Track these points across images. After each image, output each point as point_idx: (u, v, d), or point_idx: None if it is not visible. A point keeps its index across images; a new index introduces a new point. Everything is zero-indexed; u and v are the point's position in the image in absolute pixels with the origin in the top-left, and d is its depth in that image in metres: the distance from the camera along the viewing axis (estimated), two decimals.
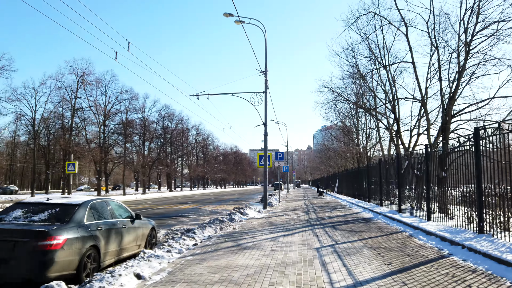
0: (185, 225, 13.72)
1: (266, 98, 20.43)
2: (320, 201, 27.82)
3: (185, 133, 71.43)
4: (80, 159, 38.15)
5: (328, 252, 7.53)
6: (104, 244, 6.37)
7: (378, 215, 14.88)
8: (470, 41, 16.40)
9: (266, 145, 20.45)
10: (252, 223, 13.13)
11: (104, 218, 6.76)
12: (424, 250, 7.55)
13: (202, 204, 26.50)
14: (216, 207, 23.76)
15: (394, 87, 22.77)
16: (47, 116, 44.73)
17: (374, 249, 7.76)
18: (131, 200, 34.00)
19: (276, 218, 14.76)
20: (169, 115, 60.12)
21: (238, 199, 35.15)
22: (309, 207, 21.12)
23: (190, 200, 33.69)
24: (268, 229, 11.38)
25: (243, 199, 34.26)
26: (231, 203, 28.15)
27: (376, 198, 20.76)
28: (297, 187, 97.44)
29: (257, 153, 21.55)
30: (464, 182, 9.71)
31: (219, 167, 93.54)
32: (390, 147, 28.65)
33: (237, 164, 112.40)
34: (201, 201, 30.59)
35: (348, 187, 32.14)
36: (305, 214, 16.46)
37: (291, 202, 27.02)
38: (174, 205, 25.38)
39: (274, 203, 24.43)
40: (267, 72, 20.70)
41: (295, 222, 13.39)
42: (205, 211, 20.76)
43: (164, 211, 20.49)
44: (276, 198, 28.44)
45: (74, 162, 28.32)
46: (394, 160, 18.14)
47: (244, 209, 17.03)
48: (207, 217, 16.86)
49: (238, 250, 7.84)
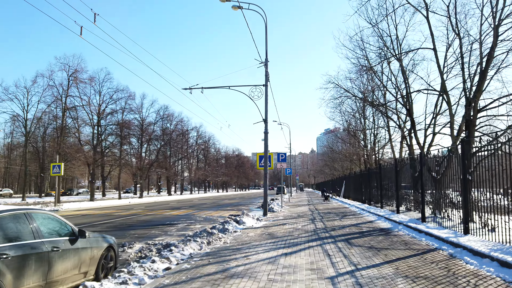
0: (170, 237, 11.57)
1: (266, 91, 18.28)
2: (326, 206, 25.58)
3: (185, 135, 69.36)
4: (71, 162, 36.14)
5: (348, 286, 5.31)
6: (12, 279, 4.20)
7: (398, 224, 12.63)
8: (497, 26, 14.24)
9: (267, 144, 18.28)
10: (248, 235, 10.94)
11: (19, 239, 4.59)
12: (486, 284, 5.31)
13: (197, 210, 24.31)
14: (211, 213, 21.58)
15: (407, 80, 20.59)
16: (40, 116, 42.81)
17: (413, 280, 5.54)
18: (122, 204, 31.87)
19: (277, 228, 12.55)
20: (167, 116, 58.13)
21: (238, 203, 32.94)
22: (315, 214, 18.90)
23: (187, 204, 31.52)
24: (266, 244, 9.18)
25: (243, 204, 32.05)
26: (230, 208, 25.95)
27: (390, 204, 18.52)
28: (300, 190, 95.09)
29: (257, 154, 19.36)
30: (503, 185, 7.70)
31: (220, 170, 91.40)
32: (402, 147, 26.37)
33: (239, 167, 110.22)
34: (197, 206, 28.41)
35: (356, 191, 29.87)
36: (310, 223, 14.25)
37: (295, 207, 24.80)
38: (166, 211, 23.21)
39: (276, 209, 22.23)
40: (267, 62, 18.56)
41: (300, 233, 11.18)
42: (198, 218, 18.58)
43: (152, 218, 18.32)
44: (278, 203, 26.22)
45: (60, 163, 26.24)
46: (406, 161, 15.97)
47: (241, 216, 14.83)
48: (198, 226, 14.69)
49: (222, 280, 5.66)
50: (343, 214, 18.47)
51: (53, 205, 27.30)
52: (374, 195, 22.43)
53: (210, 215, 20.26)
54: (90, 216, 20.03)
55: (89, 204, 30.88)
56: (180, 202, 35.96)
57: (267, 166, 18.10)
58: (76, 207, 28.02)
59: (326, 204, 28.75)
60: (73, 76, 35.96)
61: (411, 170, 15.65)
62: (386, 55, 20.26)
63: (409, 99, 20.59)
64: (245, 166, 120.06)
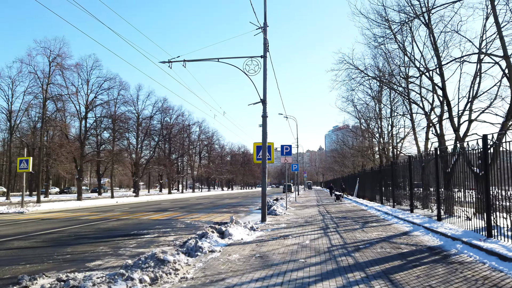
0: (117, 258, 7.85)
1: (265, 64, 14.39)
2: (339, 208, 21.64)
3: (186, 130, 65.72)
4: (53, 157, 32.61)
5: None
6: None
7: (453, 241, 8.65)
8: None
9: (265, 131, 14.41)
10: (229, 259, 7.13)
11: None
12: None
13: (186, 212, 20.54)
14: (200, 217, 17.79)
15: (436, 49, 16.58)
16: (26, 108, 39.34)
17: None
18: (106, 205, 28.24)
19: (275, 245, 8.70)
20: (165, 109, 54.42)
21: (238, 204, 29.14)
22: (327, 219, 15.00)
23: (179, 205, 27.80)
24: (251, 283, 5.35)
25: (244, 204, 28.25)
26: (225, 210, 22.15)
27: (424, 206, 14.60)
28: (308, 188, 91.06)
29: (253, 144, 15.49)
30: None
31: (225, 167, 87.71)
32: (428, 138, 22.31)
33: (245, 165, 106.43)
34: (190, 207, 24.66)
35: (372, 190, 25.85)
36: (323, 235, 10.36)
37: (302, 209, 20.92)
38: (147, 214, 19.48)
39: (279, 211, 18.41)
40: (266, 28, 14.65)
41: (308, 256, 7.34)
42: (179, 224, 14.78)
43: (120, 225, 14.54)
44: (282, 203, 22.35)
45: (28, 158, 22.64)
46: (431, 155, 11.99)
47: (228, 225, 10.97)
48: (171, 238, 10.91)
49: None
50: (364, 220, 14.53)
51: (31, 204, 23.76)
52: (398, 195, 18.44)
53: (197, 219, 16.46)
54: (49, 221, 16.36)
55: (71, 205, 27.34)
56: (174, 202, 32.26)
57: (266, 159, 14.22)
58: (53, 207, 24.46)
59: (338, 205, 24.79)
60: (55, 62, 32.34)
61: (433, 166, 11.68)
62: (410, 15, 16.21)
63: (441, 72, 16.58)
64: (251, 163, 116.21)
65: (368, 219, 14.83)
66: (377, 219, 15.01)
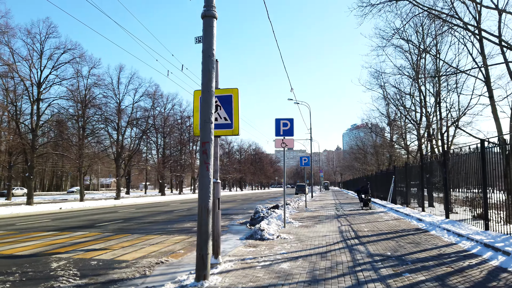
0: None
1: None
2: (373, 223, 13.09)
3: (185, 122, 57.74)
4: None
5: None
6: None
7: None
8: None
9: (211, 50, 5.98)
10: None
11: None
12: None
13: (111, 233, 12.36)
14: (107, 251, 9.57)
15: None
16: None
17: None
18: (37, 212, 20.41)
19: None
20: (154, 95, 46.38)
21: (223, 213, 20.89)
22: (359, 261, 6.45)
23: (123, 216, 19.72)
24: None
25: (233, 213, 20.02)
26: (183, 228, 13.88)
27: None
28: (325, 189, 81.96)
29: (194, 92, 7.04)
30: None
31: (232, 166, 79.50)
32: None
33: (256, 163, 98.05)
34: (129, 223, 16.53)
35: (423, 193, 17.10)
36: None
37: (312, 224, 12.46)
38: (36, 237, 11.34)
39: (270, 231, 10.42)
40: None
41: None
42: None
43: None
44: (280, 216, 13.94)
45: None
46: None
47: None
48: None
49: None
50: (452, 269, 5.89)
51: None
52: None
53: (90, 256, 8.22)
54: None
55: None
56: (140, 208, 24.21)
57: (210, 120, 5.79)
58: None
59: (369, 215, 16.19)
60: None
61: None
62: None
63: None
64: (263, 162, 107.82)
65: (461, 267, 6.25)
66: (481, 260, 6.38)
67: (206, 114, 5.62)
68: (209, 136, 5.60)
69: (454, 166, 12.38)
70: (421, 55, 21.80)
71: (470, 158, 10.47)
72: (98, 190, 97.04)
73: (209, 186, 5.54)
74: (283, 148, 12.67)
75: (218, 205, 6.54)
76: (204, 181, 5.53)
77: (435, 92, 21.69)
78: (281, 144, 12.59)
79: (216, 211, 6.48)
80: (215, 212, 6.46)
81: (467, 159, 10.88)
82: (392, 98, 27.83)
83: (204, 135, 5.61)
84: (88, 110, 33.68)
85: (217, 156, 6.77)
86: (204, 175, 5.54)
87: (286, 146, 12.62)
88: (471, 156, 10.41)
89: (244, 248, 8.60)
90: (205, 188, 5.52)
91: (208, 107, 5.63)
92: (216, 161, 6.74)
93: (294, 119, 12.55)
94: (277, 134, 12.50)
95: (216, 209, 6.49)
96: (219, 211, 6.56)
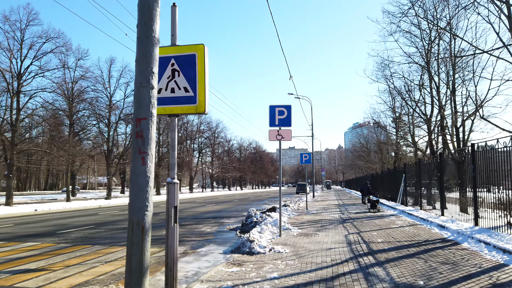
0: None
1: None
2: (384, 229, 10.97)
3: (180, 117, 55.52)
4: None
5: None
6: None
7: None
8: None
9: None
10: None
11: None
12: None
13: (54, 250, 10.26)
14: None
15: None
16: None
17: None
18: (7, 215, 18.36)
19: None
20: None
21: (214, 216, 18.84)
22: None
23: (120, 217, 17.60)
24: None
25: (221, 217, 17.94)
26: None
27: None
28: (327, 188, 79.81)
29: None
30: None
31: (231, 164, 77.37)
32: None
33: (256, 162, 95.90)
34: (117, 224, 14.38)
35: (430, 192, 14.99)
36: None
37: (313, 232, 10.33)
38: None
39: (262, 243, 8.47)
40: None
41: None
42: None
43: None
44: (276, 221, 11.84)
45: None
46: None
47: None
48: None
49: None
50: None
51: None
52: None
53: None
54: None
55: None
56: (125, 210, 21.99)
57: (155, 77, 3.60)
58: None
59: (378, 219, 14.06)
60: None
61: None
62: None
63: None
64: (264, 160, 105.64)
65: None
66: None
67: (144, 73, 3.51)
68: (147, 110, 3.49)
69: (480, 162, 10.27)
70: (434, 38, 19.63)
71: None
72: (95, 189, 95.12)
73: (146, 189, 3.42)
74: (278, 141, 10.53)
75: (175, 217, 4.42)
76: (139, 181, 3.42)
77: (450, 81, 19.49)
78: (276, 136, 10.45)
79: (170, 226, 4.37)
80: (169, 227, 4.35)
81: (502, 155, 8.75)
82: (400, 92, 25.57)
83: (139, 108, 3.49)
84: (78, 105, 31.60)
85: (175, 144, 4.65)
86: (138, 172, 3.42)
87: (282, 138, 10.47)
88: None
89: (225, 267, 6.51)
90: (139, 192, 3.41)
91: (147, 62, 3.51)
92: (174, 152, 4.63)
93: (292, 106, 10.45)
94: (272, 124, 10.40)
95: (171, 223, 4.37)
96: (176, 225, 4.44)
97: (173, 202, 4.42)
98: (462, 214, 12.23)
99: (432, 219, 12.54)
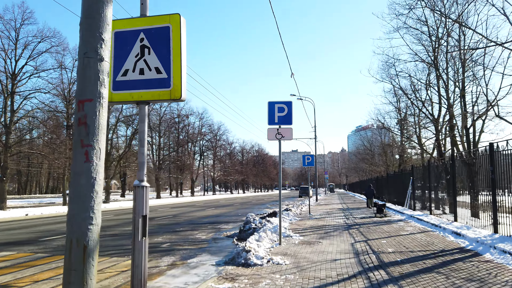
0: None
1: None
2: (394, 237, 10.04)
3: (183, 121, 54.80)
4: None
5: None
6: None
7: None
8: None
9: None
10: None
11: None
12: None
13: None
14: None
15: None
16: None
17: None
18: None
19: None
20: None
21: (207, 222, 17.99)
22: None
23: (112, 223, 16.80)
24: None
25: (214, 222, 17.08)
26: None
27: None
28: (330, 192, 78.72)
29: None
30: None
31: (233, 167, 76.47)
32: None
33: (258, 165, 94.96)
34: (107, 231, 13.55)
35: (438, 196, 14.05)
36: None
37: (316, 240, 9.42)
38: None
39: (259, 254, 7.75)
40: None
41: None
42: None
43: None
44: (276, 228, 10.95)
45: None
46: None
47: None
48: None
49: None
50: None
51: None
52: None
53: None
54: None
55: None
56: (120, 215, 21.26)
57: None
58: None
59: (386, 226, 13.12)
60: None
61: None
62: None
63: None
64: (267, 163, 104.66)
65: None
66: None
67: (90, 39, 2.64)
68: (94, 88, 2.62)
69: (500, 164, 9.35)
70: (443, 35, 18.72)
71: None
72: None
73: (91, 195, 2.55)
74: (278, 140, 9.64)
75: (144, 229, 3.54)
76: (80, 184, 2.55)
77: (460, 79, 18.55)
78: (276, 135, 9.56)
79: (137, 240, 3.49)
80: (135, 242, 3.47)
81: None
82: (406, 92, 24.54)
83: (83, 86, 2.62)
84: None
85: (144, 138, 3.78)
86: (80, 171, 2.55)
87: (282, 137, 9.58)
88: None
89: (216, 283, 5.63)
90: (81, 199, 2.53)
91: (94, 25, 2.64)
92: (143, 148, 3.75)
93: (292, 102, 9.59)
94: (271, 122, 9.52)
95: (138, 237, 3.49)
96: (144, 239, 3.55)
97: (141, 210, 3.54)
98: (474, 219, 11.32)
99: (444, 225, 11.59)
